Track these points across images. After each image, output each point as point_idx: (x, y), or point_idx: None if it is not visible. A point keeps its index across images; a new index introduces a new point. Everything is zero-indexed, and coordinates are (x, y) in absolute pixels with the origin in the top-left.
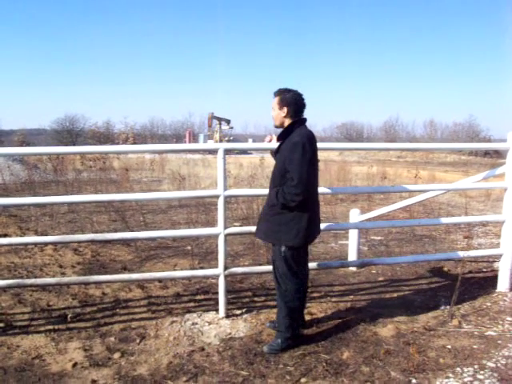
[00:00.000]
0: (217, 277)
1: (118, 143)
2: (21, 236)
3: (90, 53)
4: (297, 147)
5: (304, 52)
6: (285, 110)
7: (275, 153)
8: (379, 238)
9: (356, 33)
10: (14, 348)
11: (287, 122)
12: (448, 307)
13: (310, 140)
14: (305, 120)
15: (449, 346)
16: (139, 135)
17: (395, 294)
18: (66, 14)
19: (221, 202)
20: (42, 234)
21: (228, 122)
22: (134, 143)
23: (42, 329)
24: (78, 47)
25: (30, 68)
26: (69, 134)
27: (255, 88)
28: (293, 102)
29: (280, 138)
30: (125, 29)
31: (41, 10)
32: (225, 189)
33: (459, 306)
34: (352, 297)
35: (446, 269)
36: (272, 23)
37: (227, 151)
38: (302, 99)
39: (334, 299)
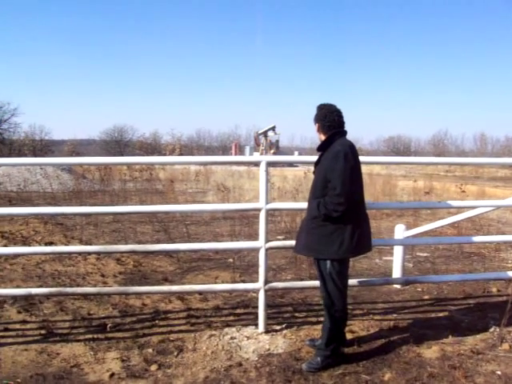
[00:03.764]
0: (257, 291)
1: (164, 154)
2: (66, 244)
3: (140, 65)
4: (339, 156)
5: (350, 65)
6: (316, 125)
7: (315, 165)
8: (425, 254)
9: (403, 45)
10: (53, 355)
11: (322, 136)
12: (498, 330)
13: (352, 149)
14: (345, 132)
15: (498, 372)
16: (186, 147)
17: (441, 314)
18: (118, 28)
19: (262, 216)
20: (86, 243)
21: (273, 128)
22: (181, 154)
23: (82, 337)
24: (128, 60)
25: (80, 79)
26: (117, 144)
27: (301, 100)
28: (321, 118)
29: (319, 149)
30: (173, 42)
31: (94, 23)
32: (267, 202)
33: (510, 328)
34: (395, 315)
35: (495, 289)
36: (317, 35)
37: (271, 164)
38: (334, 114)
39: (376, 317)
